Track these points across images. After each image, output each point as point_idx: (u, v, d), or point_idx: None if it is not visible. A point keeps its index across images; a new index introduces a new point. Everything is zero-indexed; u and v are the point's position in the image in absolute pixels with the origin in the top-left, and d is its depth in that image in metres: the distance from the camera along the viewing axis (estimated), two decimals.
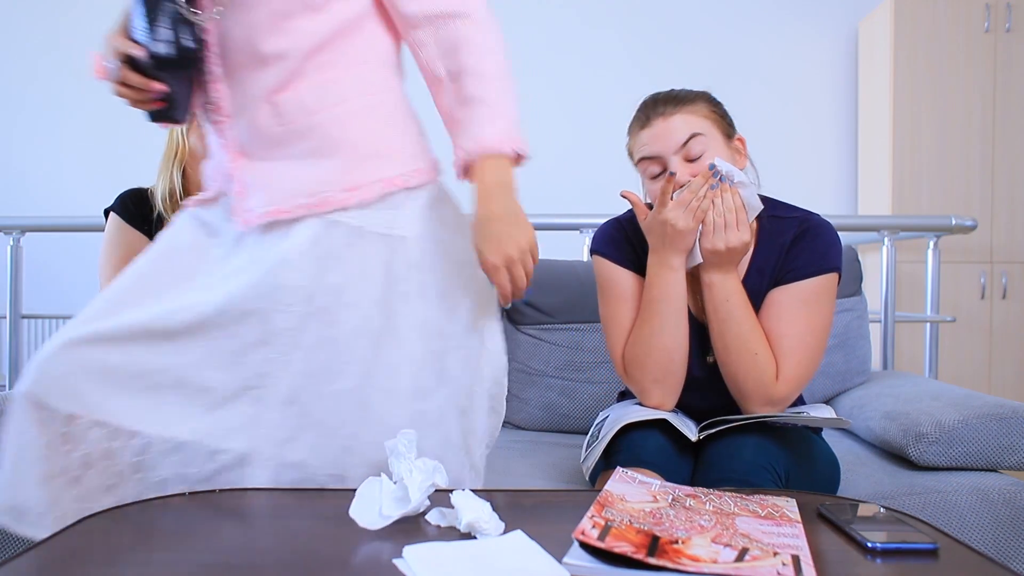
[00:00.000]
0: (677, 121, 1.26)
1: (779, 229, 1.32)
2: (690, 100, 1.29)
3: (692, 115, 1.27)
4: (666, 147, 1.26)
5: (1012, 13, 3.37)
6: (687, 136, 1.25)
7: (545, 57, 3.79)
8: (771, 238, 1.32)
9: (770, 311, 1.28)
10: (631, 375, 1.34)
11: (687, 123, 1.26)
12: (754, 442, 1.21)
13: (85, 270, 3.73)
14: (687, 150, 1.25)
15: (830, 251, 1.28)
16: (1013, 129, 3.39)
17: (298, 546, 0.84)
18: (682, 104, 1.28)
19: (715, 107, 1.31)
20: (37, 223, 2.48)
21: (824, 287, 1.27)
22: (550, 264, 2.04)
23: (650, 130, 1.28)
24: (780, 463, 1.20)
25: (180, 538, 0.87)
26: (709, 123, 1.27)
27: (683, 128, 1.25)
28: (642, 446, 1.25)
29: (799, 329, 1.25)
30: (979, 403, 1.53)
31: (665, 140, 1.26)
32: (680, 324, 1.29)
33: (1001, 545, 1.40)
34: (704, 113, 1.28)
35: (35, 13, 3.82)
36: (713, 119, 1.29)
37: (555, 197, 3.74)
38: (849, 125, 3.81)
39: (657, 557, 0.74)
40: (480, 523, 0.84)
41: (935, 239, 2.39)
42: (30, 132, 3.82)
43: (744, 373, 1.25)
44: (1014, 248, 3.41)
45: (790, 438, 1.28)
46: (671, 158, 1.26)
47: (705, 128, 1.26)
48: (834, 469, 1.36)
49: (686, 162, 1.26)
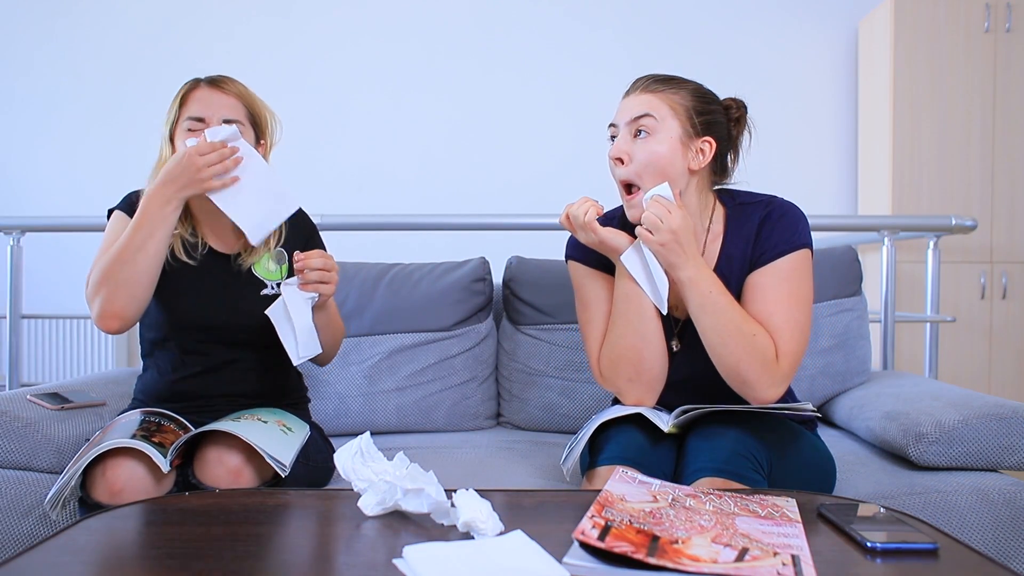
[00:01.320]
0: (644, 97, 1.31)
1: (745, 215, 1.34)
2: (673, 86, 1.32)
3: (661, 99, 1.30)
4: (622, 118, 1.32)
5: (1012, 13, 3.37)
6: (641, 114, 1.29)
7: (544, 57, 3.79)
8: (738, 225, 1.34)
9: (754, 294, 1.29)
10: (607, 377, 1.37)
11: (649, 103, 1.30)
12: (735, 433, 1.22)
13: (85, 270, 3.73)
14: (635, 125, 1.30)
15: (799, 228, 1.30)
16: (1013, 129, 3.39)
17: (299, 545, 0.84)
18: (663, 86, 1.31)
19: (696, 102, 1.32)
20: (37, 223, 2.48)
21: (800, 262, 1.29)
22: (550, 264, 2.04)
23: (625, 100, 1.34)
24: (762, 453, 1.21)
25: (180, 538, 0.87)
26: (672, 113, 1.29)
27: (643, 105, 1.30)
28: (619, 443, 1.28)
29: (786, 305, 1.27)
30: (979, 403, 1.53)
31: (626, 112, 1.32)
32: (645, 321, 1.31)
33: (1001, 545, 1.40)
34: (675, 102, 1.30)
35: (35, 13, 3.81)
36: (680, 111, 1.30)
37: (555, 197, 3.74)
38: (849, 125, 3.81)
39: (657, 557, 0.74)
40: (477, 522, 0.84)
41: (935, 239, 2.39)
42: (30, 132, 3.82)
43: (747, 358, 1.23)
44: (1014, 248, 3.40)
45: (772, 429, 1.28)
46: (621, 127, 1.32)
47: (663, 114, 1.29)
48: (827, 463, 1.36)
49: (631, 137, 1.30)
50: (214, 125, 1.39)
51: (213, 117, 1.40)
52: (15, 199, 3.77)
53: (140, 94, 3.75)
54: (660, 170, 1.28)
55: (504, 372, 1.99)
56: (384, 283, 1.98)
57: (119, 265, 1.33)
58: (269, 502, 0.99)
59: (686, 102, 1.31)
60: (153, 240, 1.34)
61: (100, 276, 1.35)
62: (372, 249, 2.49)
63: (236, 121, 1.42)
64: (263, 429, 1.32)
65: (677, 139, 1.29)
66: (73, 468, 1.22)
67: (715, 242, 1.36)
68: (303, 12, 3.80)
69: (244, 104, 1.45)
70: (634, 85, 1.36)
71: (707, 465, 1.17)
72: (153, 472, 1.23)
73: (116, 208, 1.52)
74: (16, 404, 1.52)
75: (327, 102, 3.74)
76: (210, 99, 1.42)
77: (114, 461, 1.23)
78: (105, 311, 1.35)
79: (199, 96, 1.42)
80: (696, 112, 1.31)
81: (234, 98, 1.43)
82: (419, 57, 3.81)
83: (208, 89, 1.43)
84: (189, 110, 1.41)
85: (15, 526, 1.43)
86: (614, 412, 1.34)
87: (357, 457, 0.96)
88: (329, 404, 1.86)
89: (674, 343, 1.38)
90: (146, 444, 1.23)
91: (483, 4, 3.81)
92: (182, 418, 1.40)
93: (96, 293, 1.36)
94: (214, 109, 1.41)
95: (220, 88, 1.43)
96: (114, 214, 1.51)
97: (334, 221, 2.23)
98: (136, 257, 1.33)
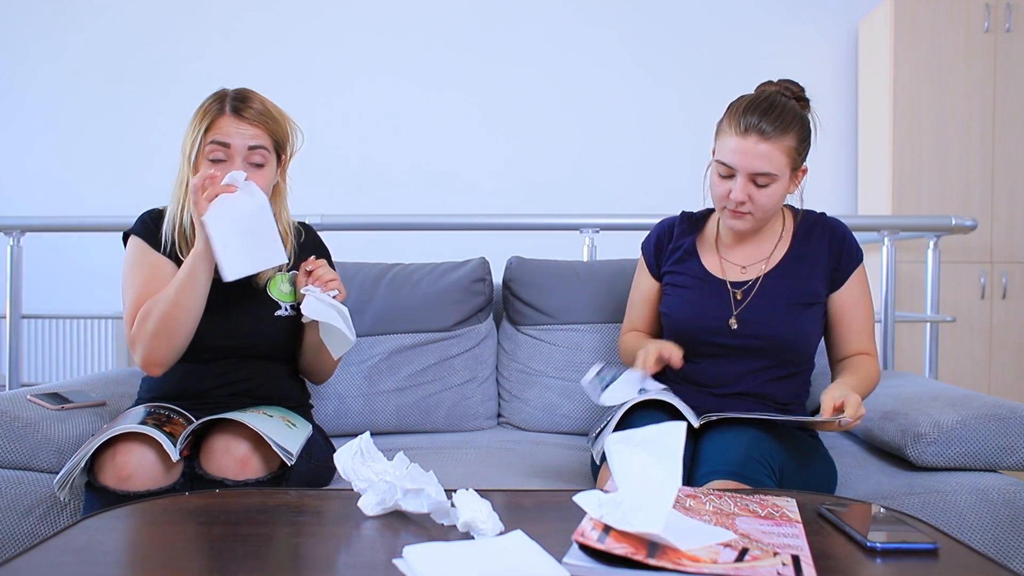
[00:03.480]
0: (763, 150, 1.36)
1: (807, 222, 1.50)
2: (785, 129, 1.37)
3: (778, 150, 1.36)
4: (743, 166, 1.37)
5: (1012, 13, 3.37)
6: (763, 171, 1.36)
7: (546, 57, 3.79)
8: (805, 232, 1.50)
9: (847, 310, 1.46)
10: None
11: (770, 159, 1.36)
12: (750, 436, 1.25)
13: (85, 270, 3.73)
14: (756, 177, 1.37)
15: (855, 244, 1.49)
16: (1013, 129, 3.39)
17: (298, 545, 0.84)
18: (777, 133, 1.36)
19: (801, 140, 1.40)
20: (37, 223, 2.47)
21: (864, 273, 1.50)
22: (550, 264, 2.04)
23: (741, 141, 1.37)
24: (775, 458, 1.23)
25: (180, 537, 0.87)
26: (786, 161, 1.38)
27: (764, 162, 1.36)
28: None
29: (869, 312, 1.48)
30: (978, 403, 1.53)
31: (747, 161, 1.37)
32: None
33: (1001, 545, 1.40)
34: (788, 148, 1.37)
35: (33, 12, 3.81)
36: (792, 157, 1.38)
37: (556, 197, 3.74)
38: (849, 125, 3.81)
39: (657, 558, 0.74)
40: (477, 522, 0.84)
41: (935, 239, 2.39)
42: (30, 132, 3.82)
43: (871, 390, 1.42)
44: (1014, 248, 3.40)
45: (787, 435, 1.32)
46: (740, 177, 1.38)
47: (780, 168, 1.37)
48: (831, 471, 1.40)
49: (751, 184, 1.38)
50: (238, 152, 1.42)
51: (237, 144, 1.42)
52: (15, 199, 3.77)
53: (139, 92, 3.75)
54: (775, 209, 1.42)
55: (504, 372, 1.99)
56: (384, 283, 1.98)
57: (162, 326, 1.36)
58: (269, 502, 0.99)
59: (793, 142, 1.38)
60: (196, 302, 1.37)
61: (142, 330, 1.37)
62: (372, 249, 2.48)
63: (260, 148, 1.44)
64: (269, 421, 1.34)
65: (788, 179, 1.41)
66: (84, 451, 1.24)
67: (784, 245, 1.49)
68: (302, 11, 3.80)
69: (267, 130, 1.46)
70: (754, 128, 1.36)
71: (721, 468, 1.19)
72: (162, 460, 1.25)
73: (132, 233, 1.49)
74: (16, 404, 1.52)
75: (327, 102, 3.74)
76: (235, 128, 1.43)
77: (124, 446, 1.24)
78: (148, 360, 1.39)
79: (223, 124, 1.43)
80: (801, 148, 1.40)
81: (258, 127, 1.45)
82: (420, 57, 3.81)
83: (232, 118, 1.43)
84: (213, 135, 1.43)
85: (15, 526, 1.43)
86: (646, 395, 1.36)
87: (357, 457, 0.96)
88: (329, 404, 1.86)
89: (732, 320, 1.44)
90: (157, 431, 1.24)
91: (484, 4, 3.81)
92: (189, 414, 1.41)
93: (137, 340, 1.38)
94: (238, 137, 1.42)
95: (244, 117, 1.44)
96: (131, 241, 1.49)
97: (334, 221, 2.23)
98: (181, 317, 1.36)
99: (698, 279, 1.50)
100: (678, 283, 1.53)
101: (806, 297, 1.44)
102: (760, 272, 1.47)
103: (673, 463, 0.82)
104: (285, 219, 1.56)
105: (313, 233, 1.67)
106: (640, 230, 1.85)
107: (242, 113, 1.44)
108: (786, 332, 1.41)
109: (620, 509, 0.80)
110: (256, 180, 1.42)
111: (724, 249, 1.52)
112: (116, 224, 2.36)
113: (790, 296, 1.43)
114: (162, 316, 1.35)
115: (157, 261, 1.47)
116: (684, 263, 1.53)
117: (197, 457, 1.30)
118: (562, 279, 2.00)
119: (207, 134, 1.42)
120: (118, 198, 3.68)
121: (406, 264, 2.06)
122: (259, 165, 1.44)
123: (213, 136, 1.42)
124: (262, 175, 1.44)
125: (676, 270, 1.54)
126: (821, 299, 1.46)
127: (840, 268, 1.46)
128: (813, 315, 1.45)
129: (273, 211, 1.44)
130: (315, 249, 1.62)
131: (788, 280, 1.45)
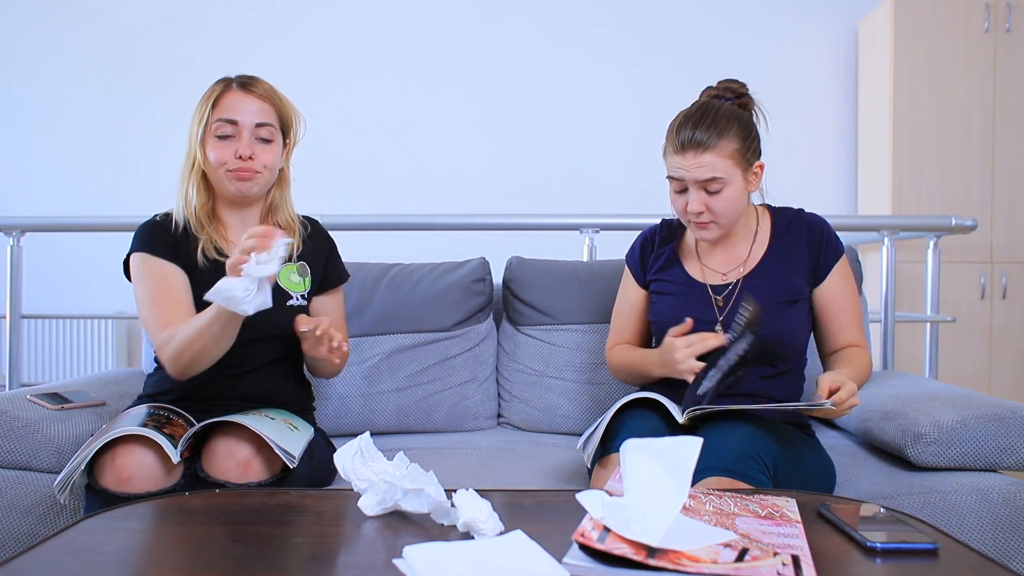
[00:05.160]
0: (705, 160, 1.38)
1: (784, 219, 1.52)
2: (723, 134, 1.38)
3: (719, 156, 1.38)
4: (690, 179, 1.40)
5: (1012, 13, 3.37)
6: (709, 177, 1.38)
7: (546, 57, 3.79)
8: (782, 229, 1.51)
9: (832, 303, 1.48)
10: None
11: (712, 165, 1.38)
12: (743, 432, 1.25)
13: (85, 270, 3.73)
14: (706, 185, 1.40)
15: (835, 237, 1.51)
16: (1013, 129, 3.39)
17: (299, 545, 0.84)
18: (713, 140, 1.38)
19: (743, 139, 1.40)
20: (37, 223, 2.48)
21: (847, 264, 1.52)
22: (550, 264, 2.04)
23: (681, 158, 1.40)
24: (769, 454, 1.24)
25: (181, 538, 0.87)
26: (732, 163, 1.39)
27: (707, 169, 1.38)
28: (632, 430, 1.29)
29: (855, 303, 1.50)
30: (978, 403, 1.53)
31: (691, 172, 1.39)
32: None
33: (1001, 545, 1.40)
34: (731, 151, 1.38)
35: (34, 13, 3.82)
36: (737, 158, 1.39)
37: (555, 197, 3.74)
38: (849, 125, 3.81)
39: (657, 558, 0.74)
40: (477, 522, 0.84)
41: (935, 239, 2.39)
42: (30, 132, 3.82)
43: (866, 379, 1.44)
44: (1014, 248, 3.40)
45: (781, 432, 1.34)
46: (691, 189, 1.41)
47: (727, 170, 1.38)
48: (828, 469, 1.41)
49: (703, 193, 1.40)
50: (246, 128, 1.43)
51: (244, 121, 1.43)
52: (15, 199, 3.77)
53: (139, 93, 3.75)
54: (737, 211, 1.43)
55: (504, 373, 1.99)
56: (384, 283, 1.98)
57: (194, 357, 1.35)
58: (269, 502, 0.99)
59: (736, 143, 1.39)
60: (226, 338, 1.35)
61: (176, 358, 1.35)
62: (372, 249, 2.48)
63: (267, 124, 1.44)
64: (271, 423, 1.34)
65: (741, 179, 1.42)
66: (84, 453, 1.23)
67: (762, 245, 1.51)
68: (301, 12, 3.80)
69: (274, 107, 1.48)
70: (689, 143, 1.38)
71: (714, 464, 1.19)
72: (163, 462, 1.25)
73: (134, 251, 1.46)
74: (16, 404, 1.52)
75: (327, 101, 3.74)
76: (241, 103, 1.44)
77: (124, 449, 1.24)
78: (176, 373, 1.38)
79: (230, 100, 1.44)
80: (745, 148, 1.41)
81: (265, 102, 1.46)
82: (420, 57, 3.81)
83: (239, 92, 1.45)
84: (220, 112, 1.43)
85: (15, 526, 1.43)
86: (633, 395, 1.39)
87: (357, 457, 0.96)
88: (329, 405, 1.86)
89: (717, 326, 1.44)
90: (157, 433, 1.24)
91: (484, 3, 3.81)
92: (190, 415, 1.41)
93: (164, 356, 1.37)
94: (245, 113, 1.43)
95: (251, 92, 1.46)
96: (135, 258, 1.45)
97: (334, 221, 2.22)
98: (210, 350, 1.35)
99: (682, 285, 1.53)
100: (664, 290, 1.55)
101: (789, 295, 1.45)
102: (740, 275, 1.49)
103: (683, 477, 0.82)
104: (289, 207, 1.57)
105: (319, 225, 1.66)
106: (640, 230, 1.85)
107: (250, 88, 1.45)
108: (772, 331, 1.40)
109: (623, 514, 0.80)
110: (264, 157, 1.43)
111: (703, 255, 1.55)
112: (116, 224, 2.36)
113: (773, 295, 1.44)
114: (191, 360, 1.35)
115: (163, 269, 1.44)
116: (667, 270, 1.56)
117: (199, 459, 1.30)
118: (562, 279, 2.00)
119: (214, 111, 1.43)
120: (118, 198, 3.68)
121: (406, 264, 2.06)
122: (267, 141, 1.45)
123: (220, 113, 1.43)
124: (270, 151, 1.45)
125: (661, 277, 1.57)
126: (805, 295, 1.47)
127: (821, 262, 1.48)
128: (798, 311, 1.46)
129: (277, 199, 1.45)
130: (322, 240, 1.62)
131: (770, 279, 1.47)
